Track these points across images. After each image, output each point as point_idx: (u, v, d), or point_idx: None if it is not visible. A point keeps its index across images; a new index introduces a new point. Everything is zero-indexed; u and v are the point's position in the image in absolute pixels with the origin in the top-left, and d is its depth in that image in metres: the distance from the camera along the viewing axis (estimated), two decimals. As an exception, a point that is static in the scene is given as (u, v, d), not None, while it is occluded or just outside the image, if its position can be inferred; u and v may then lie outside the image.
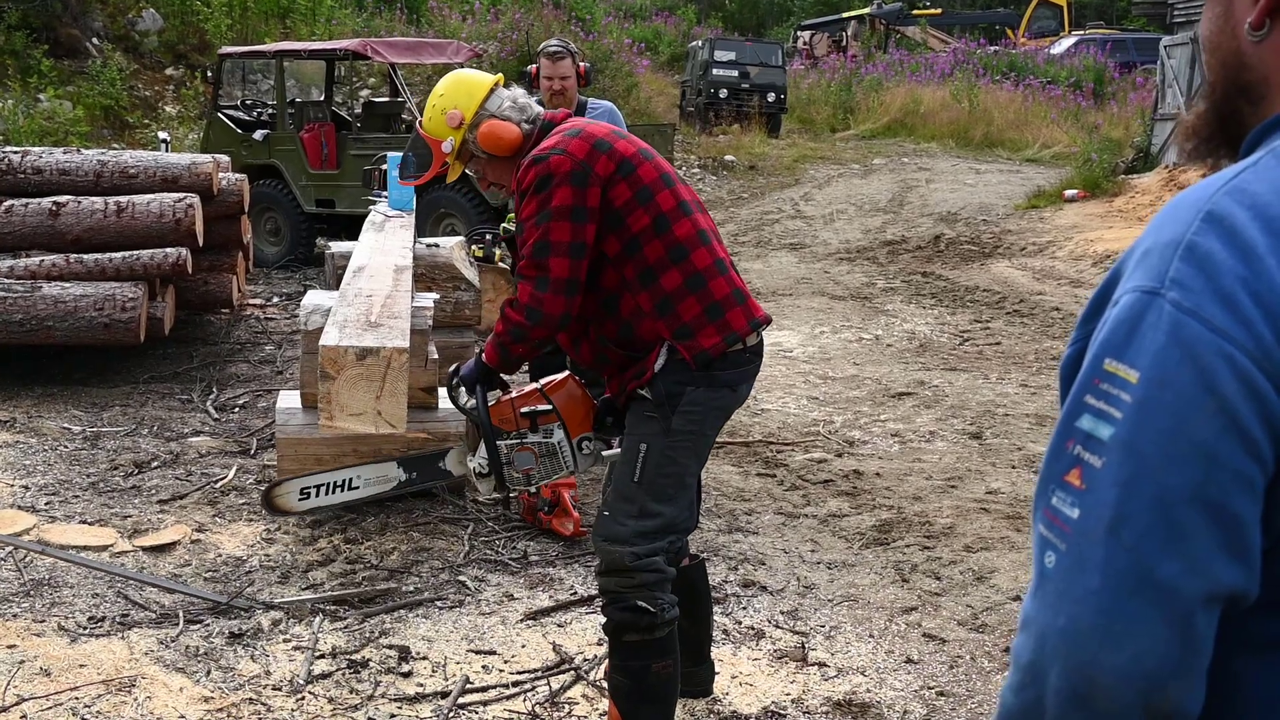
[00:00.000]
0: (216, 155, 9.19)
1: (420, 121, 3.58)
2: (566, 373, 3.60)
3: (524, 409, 3.46)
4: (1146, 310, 1.14)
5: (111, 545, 5.00)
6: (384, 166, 7.37)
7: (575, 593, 4.68)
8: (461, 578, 4.80)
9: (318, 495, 4.54)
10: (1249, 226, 1.13)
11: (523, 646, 4.26)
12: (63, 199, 7.87)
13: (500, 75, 3.68)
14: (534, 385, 3.56)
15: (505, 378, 3.56)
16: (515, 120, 3.45)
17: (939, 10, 35.21)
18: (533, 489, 3.63)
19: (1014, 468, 6.44)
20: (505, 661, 4.14)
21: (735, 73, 24.00)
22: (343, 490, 4.34)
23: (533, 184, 3.24)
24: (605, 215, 3.24)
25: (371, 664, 4.07)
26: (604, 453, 3.53)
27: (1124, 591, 1.10)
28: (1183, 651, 1.09)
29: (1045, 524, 1.18)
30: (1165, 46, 17.12)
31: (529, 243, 3.24)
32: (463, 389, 3.50)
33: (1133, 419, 1.13)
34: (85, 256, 7.64)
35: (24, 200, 7.89)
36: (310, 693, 3.87)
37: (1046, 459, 1.20)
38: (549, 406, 3.47)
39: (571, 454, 3.49)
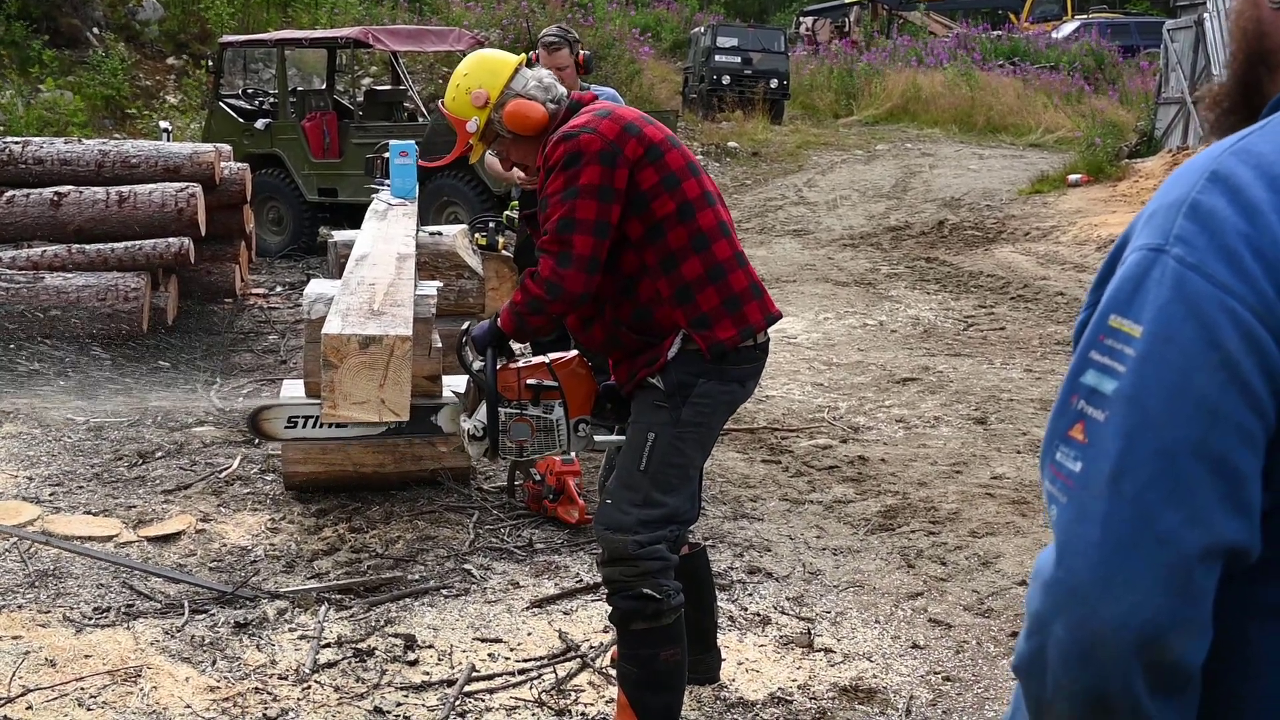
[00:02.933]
0: (218, 145, 9.19)
1: (442, 102, 3.57)
2: (575, 352, 3.59)
3: (529, 381, 3.47)
4: (1151, 267, 1.16)
5: (116, 536, 5.00)
6: (386, 155, 7.34)
7: (581, 580, 4.68)
8: (467, 566, 4.79)
9: (304, 426, 4.52)
10: (1253, 185, 1.15)
11: (529, 634, 4.25)
12: (64, 189, 7.87)
13: (524, 55, 3.66)
14: (542, 359, 3.56)
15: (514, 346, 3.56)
16: (541, 100, 3.43)
17: (941, -6, 35.09)
18: (523, 460, 3.63)
19: (1019, 453, 6.43)
20: (511, 649, 4.14)
21: (738, 59, 23.93)
22: (330, 425, 4.30)
23: (561, 160, 3.23)
24: (630, 198, 3.23)
25: (377, 653, 4.07)
26: (597, 437, 3.53)
27: (1123, 543, 1.10)
28: (1181, 604, 1.09)
29: (1050, 479, 1.19)
30: (1168, 30, 17.05)
31: (553, 218, 3.22)
32: (472, 349, 3.50)
33: (1136, 373, 1.14)
34: (87, 247, 7.64)
35: (25, 191, 7.88)
36: (316, 682, 3.87)
37: (1052, 415, 1.21)
38: (554, 383, 3.48)
39: (567, 434, 3.49)
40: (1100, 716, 1.14)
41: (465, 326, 3.57)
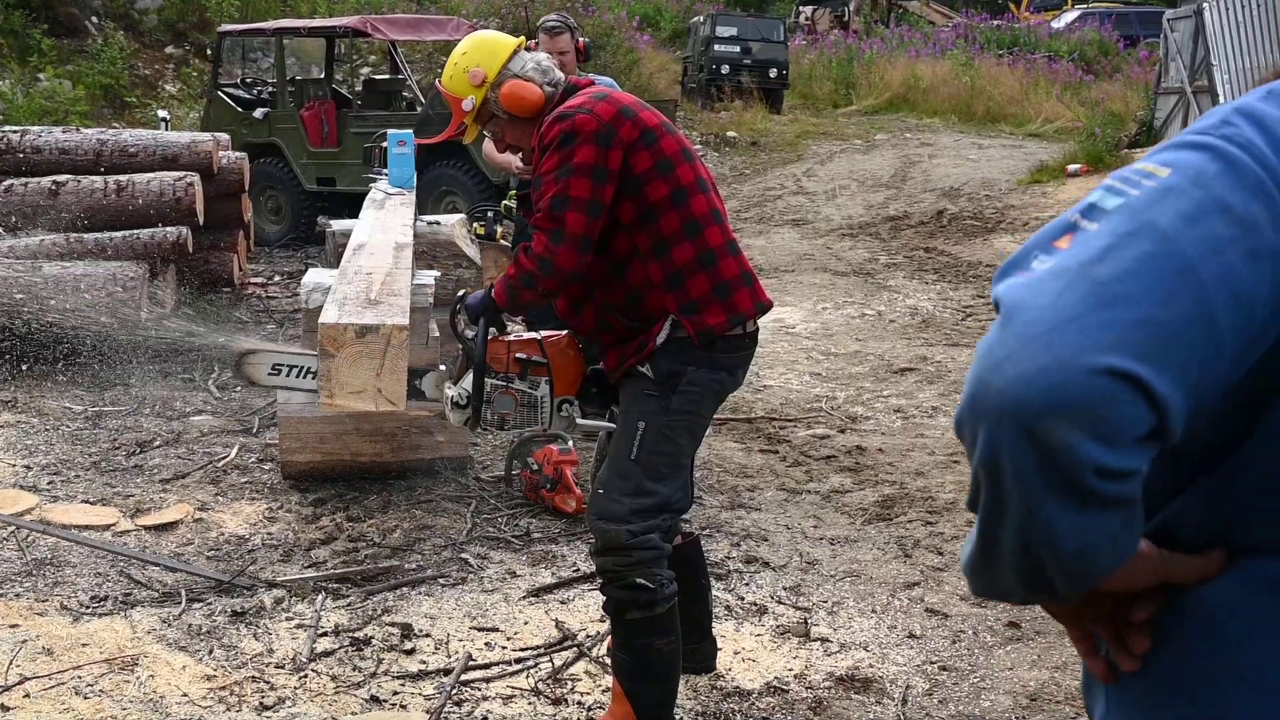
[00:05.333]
0: (217, 134, 9.18)
1: (440, 80, 3.59)
2: (568, 332, 3.61)
3: (519, 355, 3.50)
4: (1196, 144, 1.13)
5: (114, 524, 5.00)
6: (384, 144, 7.34)
7: (578, 569, 4.68)
8: (464, 555, 4.80)
9: (288, 375, 4.50)
10: None
11: (525, 623, 4.26)
12: (62, 178, 7.87)
13: (523, 38, 3.68)
14: (534, 335, 3.59)
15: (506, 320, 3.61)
16: (538, 82, 3.45)
17: (941, -16, 35.00)
18: (504, 431, 3.66)
19: (1017, 443, 6.42)
20: (508, 639, 4.15)
21: (737, 48, 23.86)
22: (314, 378, 4.27)
23: (556, 139, 3.25)
24: (624, 181, 3.25)
25: (374, 642, 4.08)
26: (579, 420, 3.55)
27: (1063, 315, 1.05)
28: (1080, 398, 1.02)
29: (1008, 283, 1.13)
30: (1168, 20, 17.01)
31: (547, 195, 3.24)
32: (465, 317, 3.53)
33: (1150, 194, 1.10)
34: (85, 236, 7.63)
35: (24, 179, 7.88)
36: (313, 670, 3.87)
37: (1036, 234, 1.16)
38: (543, 359, 3.50)
39: (550, 412, 3.51)
40: (996, 492, 1.09)
41: (460, 294, 3.61)
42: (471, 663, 3.94)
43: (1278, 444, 1.15)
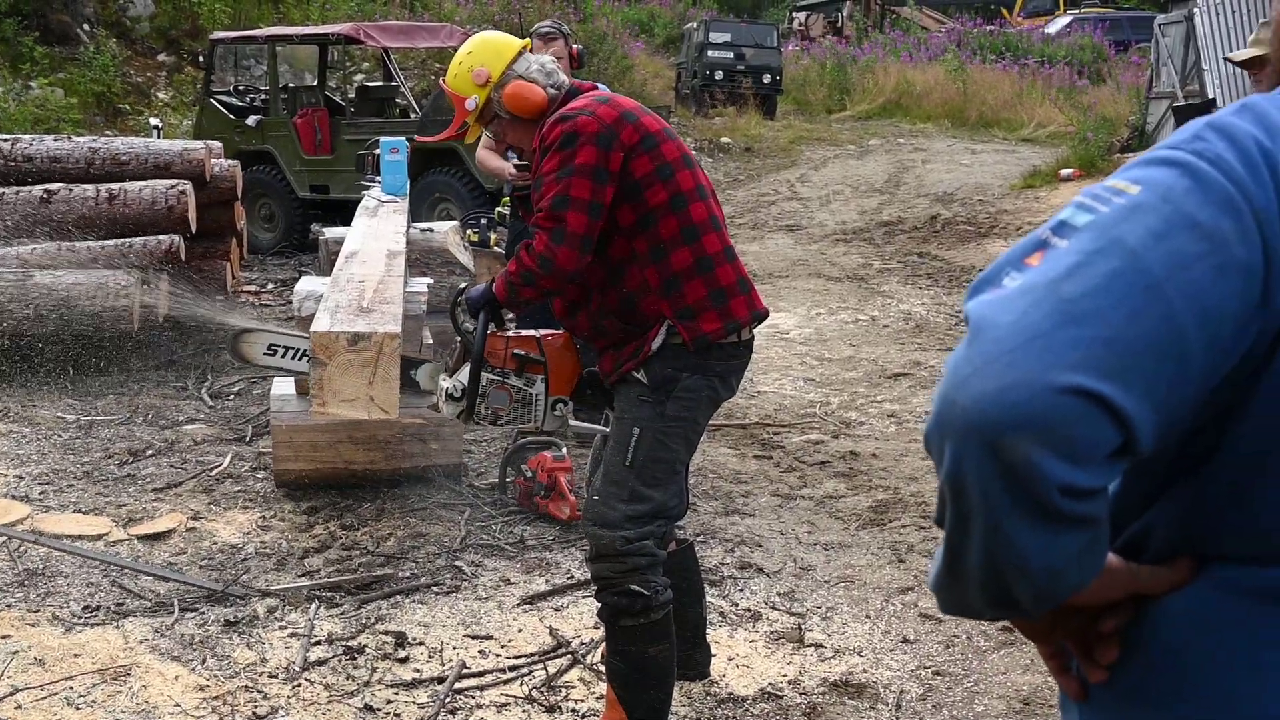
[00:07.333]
0: (209, 141, 9.16)
1: (444, 79, 3.62)
2: (566, 332, 3.62)
3: (516, 351, 3.52)
4: (1166, 160, 1.13)
5: (106, 534, 4.99)
6: (378, 151, 7.34)
7: (572, 577, 4.68)
8: (458, 563, 4.79)
9: (283, 356, 4.48)
10: (1277, 113, 1.14)
11: (519, 631, 4.25)
12: (54, 186, 7.84)
13: (528, 40, 3.71)
14: (533, 333, 3.61)
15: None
16: (542, 84, 3.47)
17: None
18: (497, 427, 3.68)
19: (1011, 448, 6.42)
20: (502, 646, 4.14)
21: (730, 54, 23.93)
22: (304, 360, 4.24)
23: (558, 140, 3.27)
24: (624, 185, 3.27)
25: (368, 650, 4.07)
26: (571, 421, 3.57)
27: (1025, 335, 1.05)
28: (1044, 417, 1.02)
29: (980, 295, 1.12)
30: (1159, 25, 17.04)
31: (548, 196, 3.26)
32: (465, 310, 3.56)
33: (1120, 211, 1.10)
34: (77, 244, 7.61)
35: (15, 188, 7.86)
36: (306, 679, 3.86)
37: (1006, 254, 1.16)
38: (540, 357, 3.53)
39: (544, 410, 3.53)
40: (961, 508, 1.10)
41: (462, 287, 3.65)
42: (465, 671, 3.94)
43: (1245, 457, 1.16)
